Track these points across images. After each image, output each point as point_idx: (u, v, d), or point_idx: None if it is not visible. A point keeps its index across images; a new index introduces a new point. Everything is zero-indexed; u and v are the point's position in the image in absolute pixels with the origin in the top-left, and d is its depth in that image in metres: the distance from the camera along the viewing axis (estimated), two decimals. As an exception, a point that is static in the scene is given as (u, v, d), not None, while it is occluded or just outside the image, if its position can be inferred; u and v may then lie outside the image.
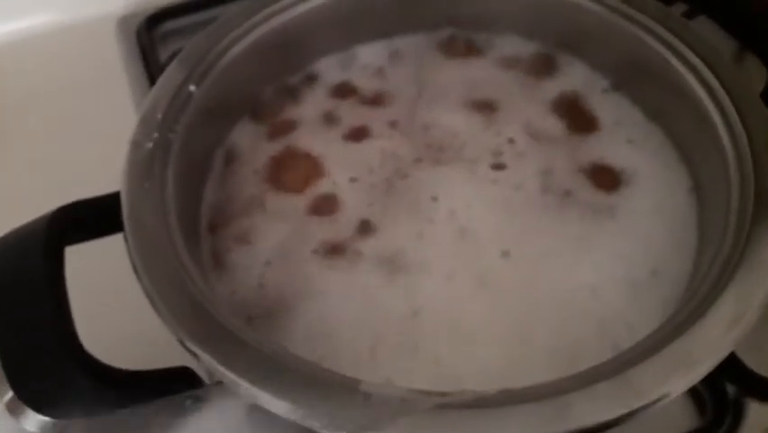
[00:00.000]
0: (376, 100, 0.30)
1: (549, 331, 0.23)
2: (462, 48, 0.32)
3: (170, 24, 0.45)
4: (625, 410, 0.18)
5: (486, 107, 0.29)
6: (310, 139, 0.28)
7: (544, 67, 0.31)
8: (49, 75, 0.44)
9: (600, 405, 0.18)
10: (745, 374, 0.29)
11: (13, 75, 0.45)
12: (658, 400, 0.18)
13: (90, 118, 0.42)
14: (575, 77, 0.30)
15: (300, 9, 0.28)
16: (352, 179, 0.27)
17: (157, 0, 0.46)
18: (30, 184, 0.39)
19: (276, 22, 0.28)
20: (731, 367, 0.28)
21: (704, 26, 0.33)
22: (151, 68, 0.43)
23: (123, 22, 0.45)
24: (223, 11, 0.45)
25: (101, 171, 0.30)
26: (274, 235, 0.25)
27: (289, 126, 0.29)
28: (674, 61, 0.25)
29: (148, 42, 0.44)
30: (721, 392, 0.29)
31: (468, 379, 0.21)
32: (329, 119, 0.29)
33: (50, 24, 0.47)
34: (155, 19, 0.45)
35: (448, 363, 0.22)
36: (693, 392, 0.30)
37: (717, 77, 0.24)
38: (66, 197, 0.24)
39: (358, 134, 0.29)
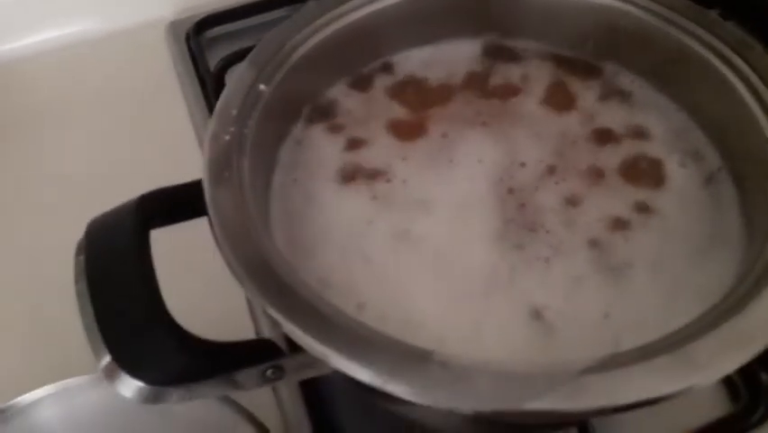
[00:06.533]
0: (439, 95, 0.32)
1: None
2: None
3: (219, 29, 0.47)
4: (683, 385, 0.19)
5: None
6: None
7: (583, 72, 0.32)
8: (102, 78, 0.47)
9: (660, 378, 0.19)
10: (780, 363, 0.30)
11: (68, 78, 0.47)
12: (716, 374, 0.19)
13: (143, 120, 0.44)
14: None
15: (365, 11, 0.30)
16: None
17: (205, 6, 0.48)
18: (91, 177, 0.41)
19: (342, 22, 0.30)
20: (765, 355, 0.29)
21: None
22: (201, 71, 0.45)
23: (173, 27, 0.48)
24: (269, 16, 0.47)
25: (155, 170, 0.32)
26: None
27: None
28: (716, 61, 0.27)
29: (197, 47, 0.46)
30: (755, 380, 0.30)
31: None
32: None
33: (101, 30, 0.49)
34: (204, 24, 0.47)
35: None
36: (727, 380, 0.31)
37: (759, 73, 0.26)
38: (125, 190, 0.25)
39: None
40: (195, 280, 0.28)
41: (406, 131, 0.31)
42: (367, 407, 0.30)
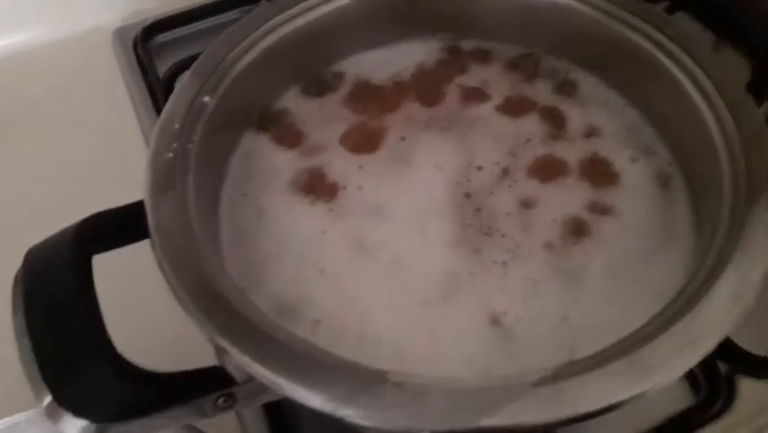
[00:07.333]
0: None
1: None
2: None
3: (167, 35, 0.46)
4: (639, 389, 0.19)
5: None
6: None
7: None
8: (46, 88, 0.45)
9: (614, 384, 0.19)
10: (737, 353, 0.30)
11: (12, 87, 0.45)
12: (671, 376, 0.19)
13: (90, 131, 0.42)
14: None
15: (315, 14, 0.30)
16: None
17: (153, 11, 0.46)
18: (33, 196, 0.39)
19: (291, 26, 0.29)
20: (723, 346, 0.30)
21: (683, 22, 0.35)
22: (150, 78, 0.43)
23: (120, 33, 0.46)
24: (220, 19, 0.46)
25: (103, 183, 0.30)
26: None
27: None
28: (662, 58, 0.27)
29: (145, 53, 0.44)
30: (714, 371, 0.31)
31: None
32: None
33: (45, 38, 0.47)
34: (152, 30, 0.45)
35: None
36: (687, 372, 0.32)
37: (704, 70, 0.26)
38: (71, 207, 0.24)
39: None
40: (145, 307, 0.27)
41: (362, 137, 0.30)
42: (333, 428, 0.30)
